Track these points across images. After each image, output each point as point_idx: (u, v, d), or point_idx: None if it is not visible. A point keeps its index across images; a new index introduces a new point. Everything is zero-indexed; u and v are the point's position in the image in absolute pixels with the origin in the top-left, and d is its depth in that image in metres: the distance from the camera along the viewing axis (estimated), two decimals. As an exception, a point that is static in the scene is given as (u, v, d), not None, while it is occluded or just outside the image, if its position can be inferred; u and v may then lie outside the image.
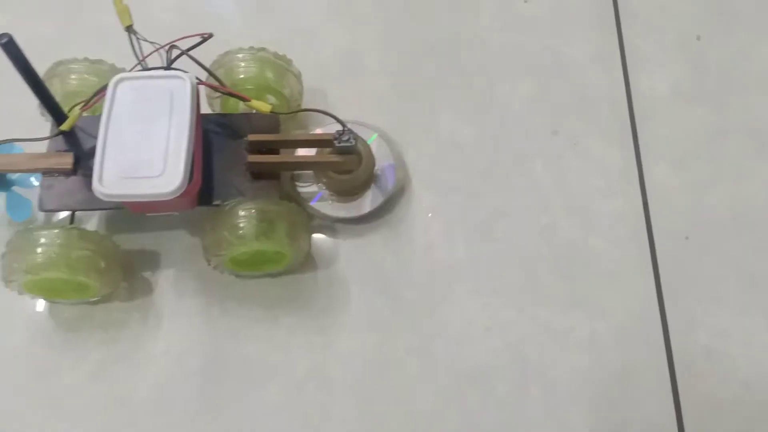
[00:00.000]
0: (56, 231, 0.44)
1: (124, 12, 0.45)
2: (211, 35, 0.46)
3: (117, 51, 0.51)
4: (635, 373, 0.47)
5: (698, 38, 0.58)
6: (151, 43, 0.46)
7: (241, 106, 0.52)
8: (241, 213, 0.45)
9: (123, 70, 0.51)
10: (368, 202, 0.51)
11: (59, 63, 0.49)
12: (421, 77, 0.57)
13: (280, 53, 0.51)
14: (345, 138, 0.46)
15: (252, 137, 0.48)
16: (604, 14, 0.60)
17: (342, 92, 0.57)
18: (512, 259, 0.51)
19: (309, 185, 0.52)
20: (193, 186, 0.43)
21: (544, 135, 0.55)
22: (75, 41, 0.58)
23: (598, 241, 0.51)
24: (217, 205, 0.47)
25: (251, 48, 0.50)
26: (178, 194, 0.41)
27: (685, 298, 0.49)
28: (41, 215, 0.51)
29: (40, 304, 0.49)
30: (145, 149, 0.42)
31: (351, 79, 0.57)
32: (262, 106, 0.46)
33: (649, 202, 0.52)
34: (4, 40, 0.39)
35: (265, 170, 0.48)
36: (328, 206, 0.51)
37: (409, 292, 0.50)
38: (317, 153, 0.50)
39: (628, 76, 0.57)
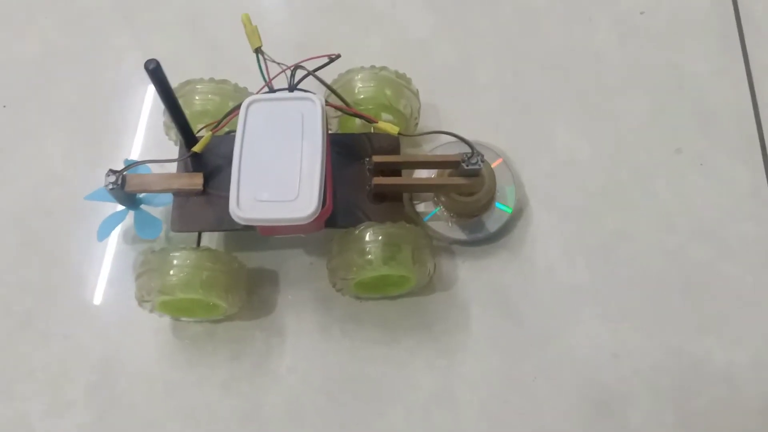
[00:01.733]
0: (190, 252, 0.45)
1: (253, 33, 0.45)
2: (338, 56, 0.46)
3: (224, 67, 0.53)
4: (774, 406, 0.46)
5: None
6: (278, 63, 0.46)
7: (357, 124, 0.52)
8: (371, 237, 0.45)
9: (245, 89, 0.51)
10: (487, 223, 0.50)
11: (187, 82, 0.50)
12: (535, 92, 0.56)
13: (400, 71, 0.51)
14: (473, 161, 0.46)
15: (377, 158, 0.47)
16: (726, 25, 0.57)
17: (454, 108, 0.56)
18: (638, 283, 0.49)
19: (419, 203, 0.52)
20: (325, 210, 0.43)
21: (666, 152, 0.53)
22: (188, 58, 0.59)
23: (730, 265, 0.49)
24: (343, 228, 0.47)
25: (373, 67, 0.50)
26: (312, 219, 0.41)
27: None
28: (163, 233, 0.52)
29: (165, 322, 0.50)
30: (279, 173, 0.42)
31: (463, 94, 0.57)
32: (390, 128, 0.46)
33: (784, 226, 0.50)
34: (151, 66, 0.40)
35: (389, 192, 0.48)
36: (446, 228, 0.51)
37: (532, 315, 0.49)
38: (438, 174, 0.50)
39: (755, 90, 0.55)
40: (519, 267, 0.50)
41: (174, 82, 0.49)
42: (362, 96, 0.50)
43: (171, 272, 0.44)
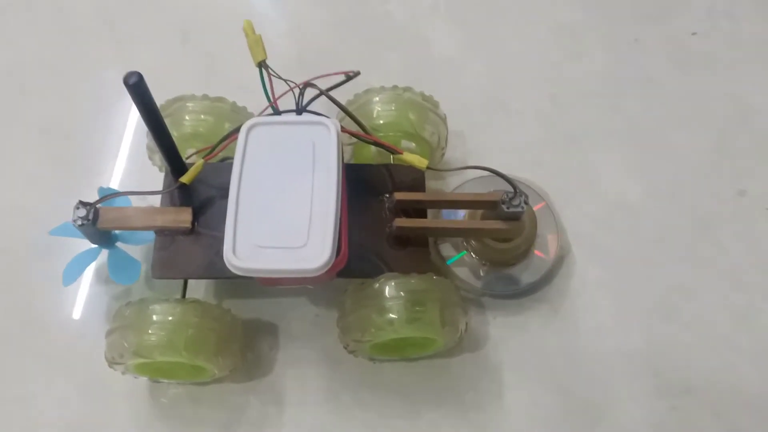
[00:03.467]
0: (173, 305, 0.37)
1: (257, 44, 0.37)
2: (358, 73, 0.38)
3: (220, 83, 0.46)
4: None
5: None
6: (285, 80, 0.39)
7: (373, 152, 0.45)
8: (392, 293, 0.37)
9: (244, 109, 0.44)
10: (524, 274, 0.43)
11: (176, 99, 0.42)
12: (577, 122, 0.49)
13: (426, 93, 0.44)
14: (515, 202, 0.38)
15: (399, 195, 0.40)
16: (790, 52, 0.51)
17: (483, 137, 0.49)
18: (702, 349, 0.42)
19: (442, 244, 0.45)
20: (339, 260, 0.35)
21: (728, 195, 0.46)
22: (178, 72, 0.52)
23: (810, 332, 0.42)
24: (358, 278, 0.39)
25: (395, 87, 0.43)
26: (324, 271, 0.34)
27: None
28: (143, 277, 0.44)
29: (141, 383, 0.42)
30: (285, 213, 0.34)
31: (493, 122, 0.50)
32: (418, 160, 0.38)
33: None
34: (132, 80, 0.32)
35: (414, 235, 0.41)
36: (476, 277, 0.43)
37: (578, 386, 0.41)
38: (469, 215, 0.43)
39: (825, 127, 0.49)
40: (561, 326, 0.43)
41: (161, 99, 0.42)
42: (381, 121, 0.42)
43: (149, 330, 0.36)
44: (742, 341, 0.42)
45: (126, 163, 0.49)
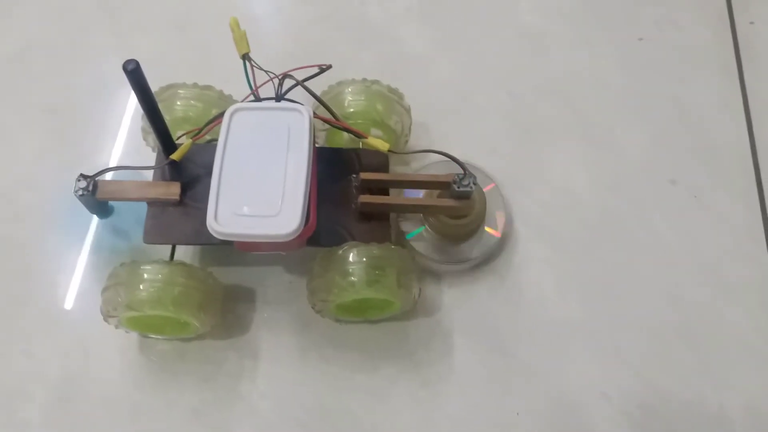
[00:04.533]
0: (162, 266, 0.42)
1: (241, 39, 0.43)
2: (329, 66, 0.44)
3: (210, 73, 0.50)
4: (767, 454, 0.44)
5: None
6: (265, 71, 0.44)
7: (345, 138, 0.50)
8: (355, 258, 0.42)
9: (230, 97, 0.49)
10: (475, 248, 0.48)
11: (169, 87, 0.47)
12: (533, 115, 0.55)
13: (393, 86, 0.49)
14: (465, 183, 0.44)
15: (365, 175, 0.45)
16: (726, 58, 0.56)
17: (446, 127, 0.54)
18: (632, 320, 0.47)
19: (404, 221, 0.50)
20: (308, 228, 0.41)
21: (661, 184, 0.52)
22: (172, 61, 0.57)
23: (727, 307, 0.47)
24: (326, 246, 0.44)
25: (364, 80, 0.48)
26: (294, 236, 0.39)
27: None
28: (134, 240, 0.49)
29: (132, 339, 0.47)
30: (261, 186, 0.40)
31: (456, 114, 0.55)
32: (380, 144, 0.44)
33: (781, 267, 0.49)
34: (130, 67, 0.37)
35: (376, 211, 0.46)
36: (432, 250, 0.48)
37: (519, 348, 0.47)
38: (426, 194, 0.48)
39: (752, 125, 0.54)
40: (506, 296, 0.48)
41: (156, 85, 0.47)
42: (352, 109, 0.48)
43: (140, 287, 0.41)
44: (666, 314, 0.47)
45: (126, 143, 0.54)
